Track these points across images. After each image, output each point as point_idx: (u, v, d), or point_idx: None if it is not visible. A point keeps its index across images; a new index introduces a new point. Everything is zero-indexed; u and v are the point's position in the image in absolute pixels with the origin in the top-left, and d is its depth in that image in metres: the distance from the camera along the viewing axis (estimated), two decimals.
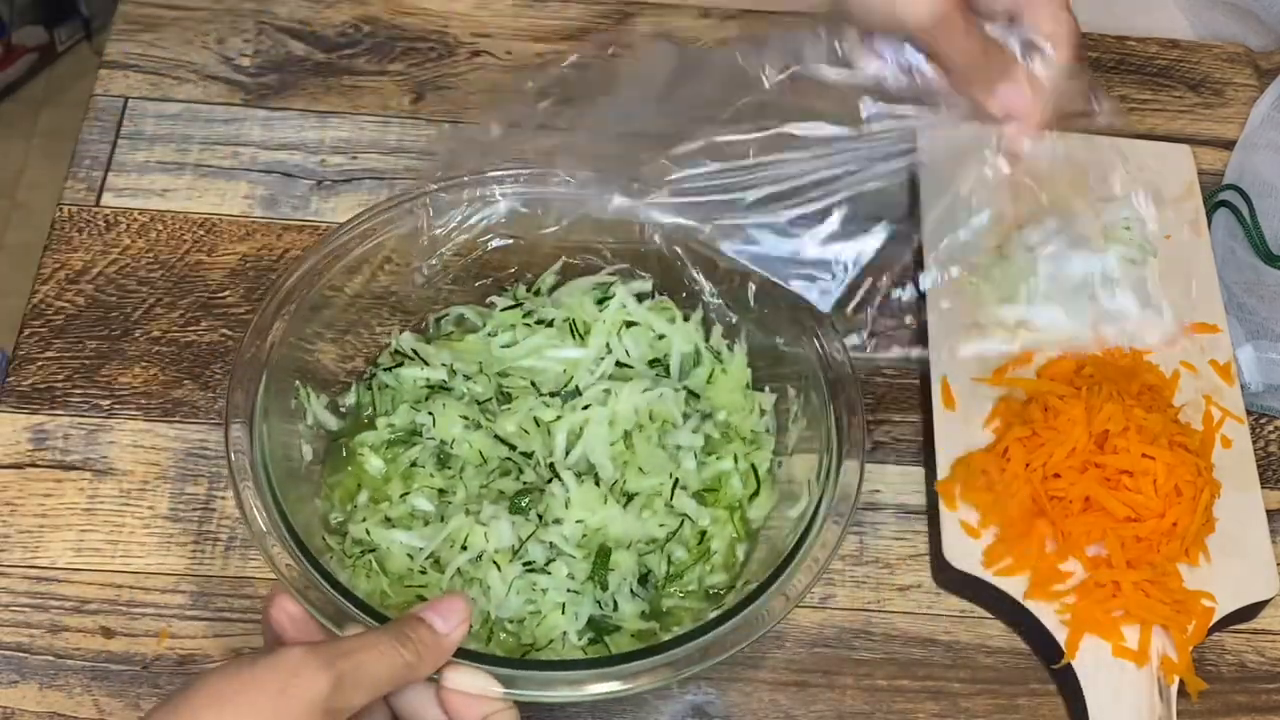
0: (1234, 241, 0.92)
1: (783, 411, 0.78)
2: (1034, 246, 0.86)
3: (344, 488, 0.75)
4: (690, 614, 0.72)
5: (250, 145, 0.92)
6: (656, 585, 0.73)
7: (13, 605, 0.74)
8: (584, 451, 0.75)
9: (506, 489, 0.74)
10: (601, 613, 0.71)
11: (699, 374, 0.80)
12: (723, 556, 0.74)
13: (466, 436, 0.75)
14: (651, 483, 0.74)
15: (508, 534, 0.70)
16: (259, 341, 0.71)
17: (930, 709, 0.75)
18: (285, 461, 0.71)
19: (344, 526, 0.73)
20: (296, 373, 0.74)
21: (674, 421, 0.77)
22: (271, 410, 0.71)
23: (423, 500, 0.73)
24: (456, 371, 0.78)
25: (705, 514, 0.74)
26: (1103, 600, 0.74)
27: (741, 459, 0.76)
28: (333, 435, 0.77)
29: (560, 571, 0.70)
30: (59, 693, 0.71)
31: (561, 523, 0.72)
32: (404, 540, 0.72)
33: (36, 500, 0.77)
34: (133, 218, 0.88)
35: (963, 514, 0.78)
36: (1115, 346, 0.84)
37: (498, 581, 0.70)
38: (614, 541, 0.72)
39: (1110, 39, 1.03)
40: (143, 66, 0.94)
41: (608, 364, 0.78)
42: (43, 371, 0.81)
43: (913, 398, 0.85)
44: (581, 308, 0.80)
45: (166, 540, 0.76)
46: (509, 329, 0.80)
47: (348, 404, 0.78)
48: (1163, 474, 0.75)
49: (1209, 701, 0.75)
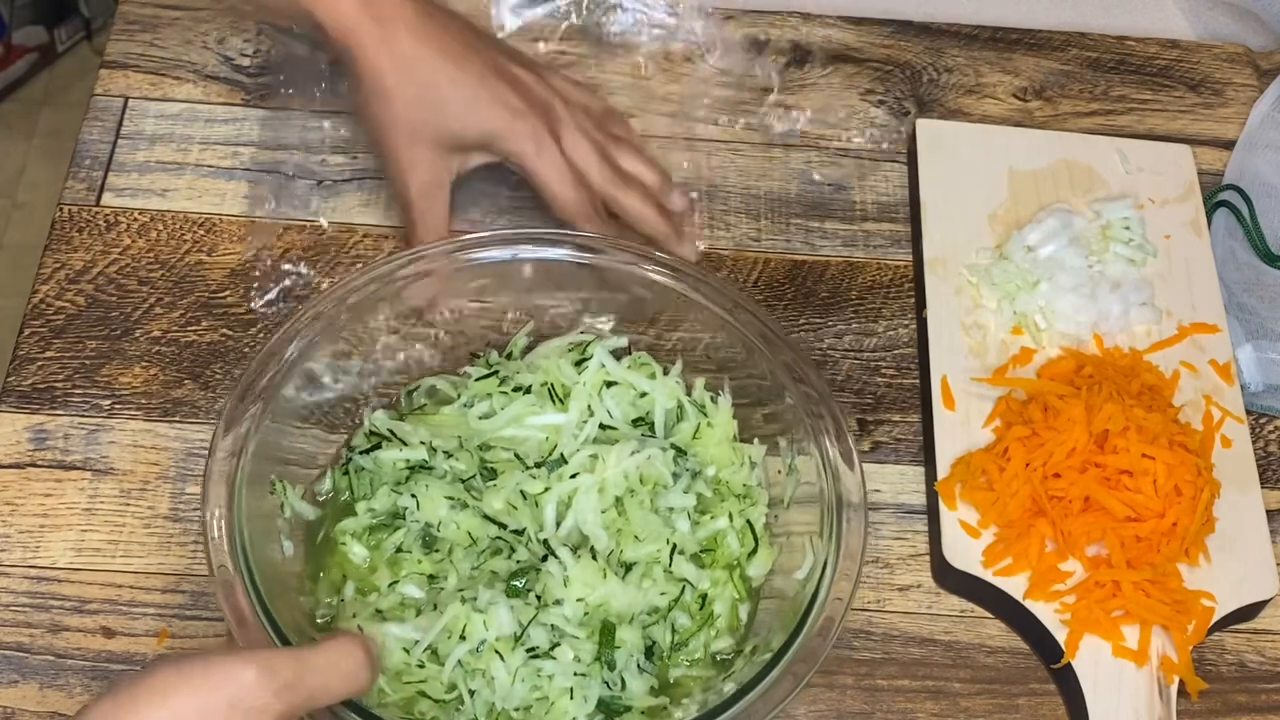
0: (1234, 241, 0.92)
1: (775, 463, 0.76)
2: (1034, 246, 0.87)
3: (328, 580, 0.72)
4: (699, 682, 0.70)
5: (250, 145, 0.92)
6: (662, 656, 0.71)
7: (13, 605, 0.74)
8: (575, 523, 0.72)
9: (500, 569, 0.71)
10: (610, 693, 0.68)
11: (684, 429, 0.77)
12: (726, 620, 0.72)
13: (453, 517, 0.72)
14: (649, 550, 0.71)
15: (508, 621, 0.67)
16: (236, 437, 0.68)
17: (930, 709, 0.75)
18: (267, 561, 0.68)
19: (333, 623, 0.71)
20: (271, 465, 0.71)
21: (664, 483, 0.74)
22: (249, 506, 0.67)
23: (412, 588, 0.70)
24: (436, 449, 0.74)
25: (705, 577, 0.72)
26: (1103, 600, 0.74)
27: (736, 516, 0.74)
28: (310, 525, 0.74)
29: (565, 655, 0.68)
30: (59, 693, 0.71)
31: (562, 603, 0.69)
32: (398, 633, 0.68)
33: (37, 500, 0.77)
34: (133, 218, 0.88)
35: (963, 514, 0.78)
36: (1115, 346, 0.84)
37: (502, 672, 0.67)
38: (616, 616, 0.70)
39: (1110, 39, 1.03)
40: (143, 66, 0.94)
41: (591, 427, 0.75)
42: (43, 371, 0.81)
43: (913, 398, 0.85)
44: (559, 370, 0.77)
45: (167, 540, 0.76)
46: (485, 398, 0.77)
47: (324, 490, 0.75)
48: (1163, 474, 0.75)
49: (1209, 701, 0.75)
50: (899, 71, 0.99)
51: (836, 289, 0.89)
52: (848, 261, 0.90)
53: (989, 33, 1.02)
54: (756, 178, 0.93)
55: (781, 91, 0.97)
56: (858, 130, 0.96)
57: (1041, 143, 0.94)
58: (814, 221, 0.92)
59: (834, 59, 1.00)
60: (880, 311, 0.88)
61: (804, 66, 0.99)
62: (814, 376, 0.74)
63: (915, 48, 1.01)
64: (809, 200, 0.93)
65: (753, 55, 0.99)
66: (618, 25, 0.94)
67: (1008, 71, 1.00)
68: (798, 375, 0.74)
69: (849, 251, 0.91)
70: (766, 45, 1.00)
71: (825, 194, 0.93)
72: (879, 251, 0.91)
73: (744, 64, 0.98)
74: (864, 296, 0.89)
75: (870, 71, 0.99)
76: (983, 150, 0.93)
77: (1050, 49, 1.02)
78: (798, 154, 0.94)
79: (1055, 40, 1.02)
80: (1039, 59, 1.01)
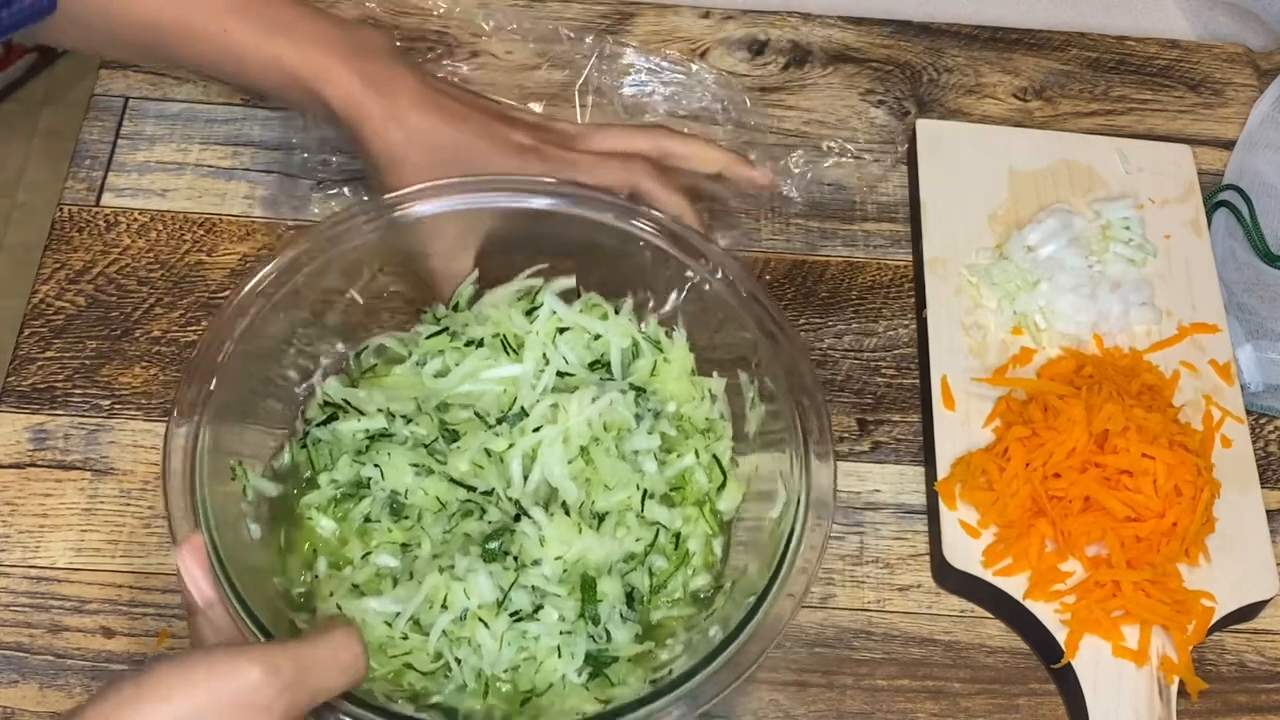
0: (1234, 241, 0.92)
1: (737, 398, 0.76)
2: (1034, 246, 0.87)
3: (298, 556, 0.71)
4: (681, 621, 0.71)
5: (250, 145, 0.92)
6: (642, 601, 0.71)
7: (13, 605, 0.74)
8: (543, 476, 0.72)
9: (472, 531, 0.70)
10: (597, 646, 0.68)
11: (641, 367, 0.76)
12: (702, 557, 0.72)
13: (420, 484, 0.71)
14: (619, 498, 0.71)
15: (488, 587, 0.67)
16: (190, 425, 0.67)
17: (930, 709, 0.75)
18: (236, 545, 0.66)
19: (310, 601, 0.70)
20: (228, 446, 0.69)
21: (628, 427, 0.74)
22: (212, 497, 0.66)
23: (386, 557, 0.70)
24: (395, 415, 0.73)
25: (677, 516, 0.72)
26: (1103, 600, 0.74)
27: (702, 452, 0.74)
28: (273, 502, 0.72)
29: (550, 616, 0.68)
30: (59, 693, 0.71)
31: (541, 563, 0.69)
32: (378, 608, 0.68)
33: (36, 500, 0.77)
34: (133, 218, 0.88)
35: (963, 514, 0.78)
36: (1115, 346, 0.84)
37: (487, 638, 0.67)
38: (595, 569, 0.69)
39: (1110, 39, 1.03)
40: (143, 66, 0.94)
41: (548, 376, 0.75)
42: (43, 371, 0.81)
43: (913, 398, 0.85)
44: (510, 320, 0.76)
45: (167, 540, 0.76)
46: (437, 355, 0.76)
47: (282, 464, 0.73)
48: (1163, 474, 0.75)
49: (1209, 701, 0.75)
50: (899, 71, 0.99)
51: (836, 289, 0.89)
52: (848, 261, 0.90)
53: (989, 33, 1.02)
54: None
55: (781, 91, 0.98)
56: (858, 130, 0.96)
57: (1041, 143, 0.94)
58: (814, 221, 0.92)
59: (834, 59, 1.00)
60: (880, 311, 0.88)
61: (804, 66, 0.99)
62: (774, 310, 0.73)
63: (915, 48, 1.01)
64: (809, 200, 0.92)
65: (753, 55, 0.99)
66: (630, 88, 0.95)
67: (1008, 71, 1.00)
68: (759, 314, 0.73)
69: (849, 251, 0.91)
70: (766, 45, 1.00)
71: (825, 194, 0.93)
72: (879, 251, 0.91)
73: (744, 64, 0.98)
74: (864, 296, 0.89)
75: (870, 71, 0.99)
76: (983, 150, 0.93)
77: (1050, 49, 1.02)
78: (798, 154, 0.94)
79: (1055, 40, 1.02)
80: (1039, 59, 1.01)
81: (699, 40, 0.99)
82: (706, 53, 0.99)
